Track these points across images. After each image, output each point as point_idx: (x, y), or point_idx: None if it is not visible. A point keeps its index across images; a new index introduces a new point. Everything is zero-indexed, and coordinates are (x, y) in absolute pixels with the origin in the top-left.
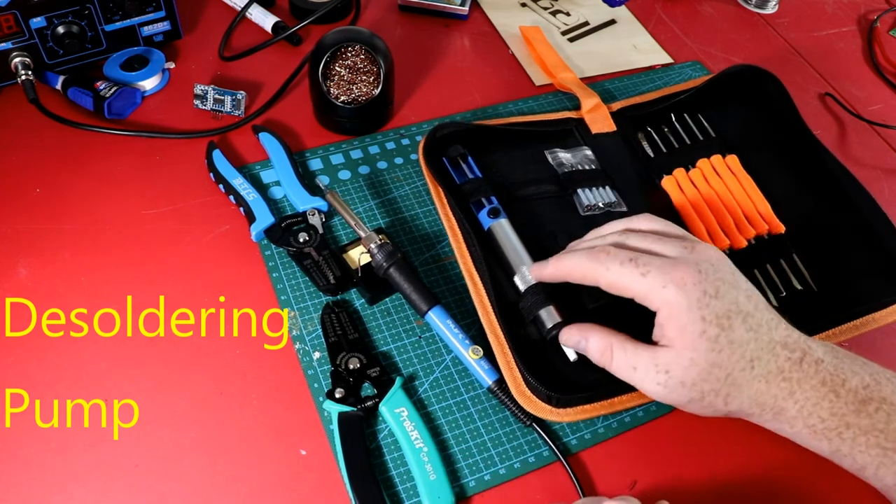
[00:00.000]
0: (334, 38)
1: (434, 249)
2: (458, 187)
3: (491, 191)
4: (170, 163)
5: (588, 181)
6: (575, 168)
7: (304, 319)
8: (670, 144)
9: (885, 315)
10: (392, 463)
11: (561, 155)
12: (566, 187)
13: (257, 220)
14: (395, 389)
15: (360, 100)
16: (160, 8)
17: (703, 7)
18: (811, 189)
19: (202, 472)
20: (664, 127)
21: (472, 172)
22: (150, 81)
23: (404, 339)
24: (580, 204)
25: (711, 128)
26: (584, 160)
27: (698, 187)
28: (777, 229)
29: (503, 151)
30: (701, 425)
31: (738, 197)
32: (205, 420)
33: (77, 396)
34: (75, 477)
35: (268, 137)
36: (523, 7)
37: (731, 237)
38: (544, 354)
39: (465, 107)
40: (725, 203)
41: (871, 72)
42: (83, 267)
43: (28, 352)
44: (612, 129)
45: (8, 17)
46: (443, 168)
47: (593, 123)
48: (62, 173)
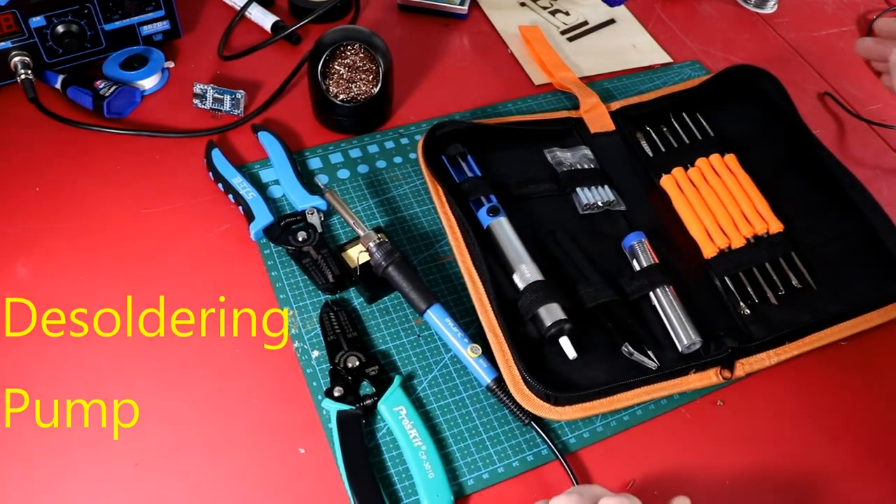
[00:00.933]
0: (333, 37)
1: (433, 248)
2: (457, 186)
3: (490, 189)
4: (169, 162)
5: (587, 180)
6: (574, 167)
7: (302, 318)
8: (669, 144)
9: (882, 314)
10: (390, 461)
11: (560, 154)
12: (565, 186)
13: (256, 218)
14: (394, 388)
15: (360, 99)
16: (160, 7)
17: (702, 7)
18: (810, 188)
19: (202, 471)
20: (663, 126)
21: (471, 171)
22: (150, 81)
23: (403, 337)
24: (579, 203)
25: (710, 127)
26: (583, 159)
27: (697, 186)
28: (776, 228)
29: (502, 150)
30: (700, 424)
31: (736, 196)
32: (204, 419)
33: (77, 396)
34: (75, 477)
35: (267, 136)
36: (523, 7)
37: (729, 236)
38: (543, 352)
39: (464, 106)
40: (724, 202)
41: (870, 72)
42: (83, 267)
43: (28, 352)
44: (611, 129)
45: (7, 16)
46: (442, 167)
47: (592, 123)
48: (62, 173)
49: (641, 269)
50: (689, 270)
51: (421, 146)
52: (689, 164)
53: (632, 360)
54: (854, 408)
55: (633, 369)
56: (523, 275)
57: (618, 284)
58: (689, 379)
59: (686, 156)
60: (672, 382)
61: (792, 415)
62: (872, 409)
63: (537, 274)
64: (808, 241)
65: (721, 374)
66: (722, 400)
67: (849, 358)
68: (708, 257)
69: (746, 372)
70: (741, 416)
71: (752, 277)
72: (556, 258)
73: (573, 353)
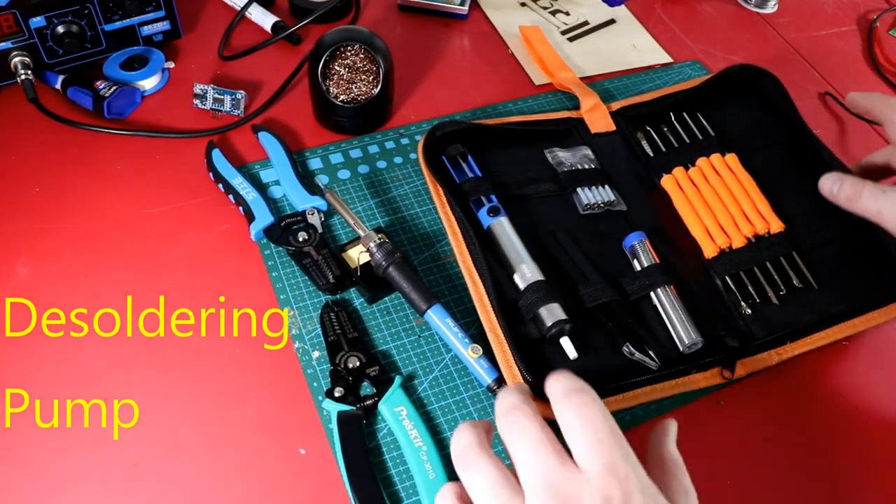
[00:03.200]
0: (334, 37)
1: (433, 249)
2: (457, 186)
3: (491, 189)
4: (169, 162)
5: (587, 180)
6: (574, 167)
7: (303, 319)
8: (670, 144)
9: (883, 313)
10: (391, 462)
11: (560, 154)
12: (566, 186)
13: (256, 219)
14: (395, 388)
15: (360, 99)
16: (160, 7)
17: (702, 7)
18: (811, 187)
19: (202, 471)
20: (664, 126)
21: (471, 171)
22: (150, 81)
23: (403, 338)
24: (580, 203)
25: (711, 127)
26: (584, 159)
27: (698, 186)
28: (777, 227)
29: (503, 150)
30: (700, 424)
31: (737, 195)
32: (204, 420)
33: (77, 396)
34: (75, 477)
35: (267, 137)
36: (523, 7)
37: (730, 235)
38: (544, 353)
39: (464, 106)
40: (725, 201)
41: (870, 71)
42: (83, 267)
43: (28, 352)
44: (612, 129)
45: (7, 16)
46: (442, 167)
47: (593, 123)
48: (62, 173)
49: (642, 268)
50: (690, 270)
51: (421, 147)
52: (690, 163)
53: (633, 360)
54: (856, 407)
55: (635, 369)
56: (524, 275)
57: (618, 284)
58: (691, 379)
59: (687, 155)
60: (673, 382)
61: (793, 415)
62: (874, 409)
63: (538, 274)
64: (808, 240)
65: (722, 374)
66: (722, 400)
67: (850, 357)
68: (709, 257)
69: (748, 371)
70: (741, 415)
71: (753, 277)
72: (556, 258)
73: (574, 353)
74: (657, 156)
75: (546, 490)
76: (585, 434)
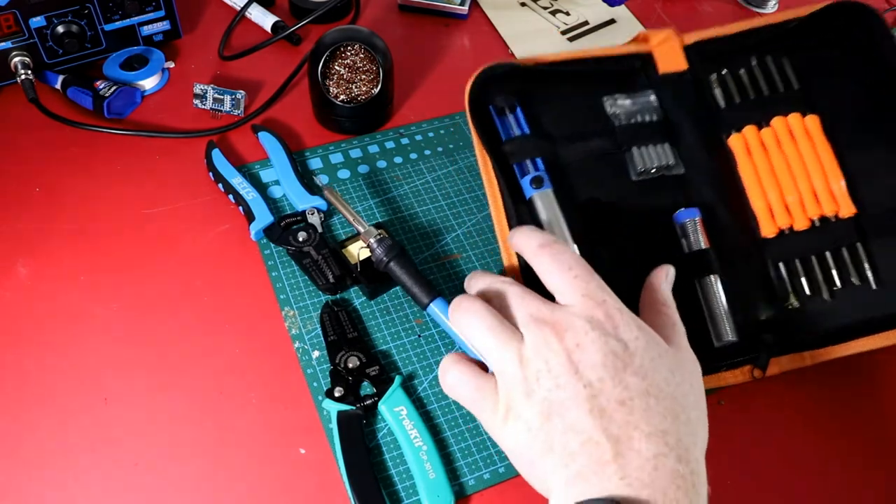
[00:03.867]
0: (334, 37)
1: (433, 248)
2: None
3: (537, 151)
4: (169, 162)
5: (646, 137)
6: (633, 120)
7: (303, 318)
8: (745, 94)
9: None
10: (391, 461)
11: (621, 102)
12: (621, 143)
13: (256, 219)
14: (395, 388)
15: (360, 99)
16: (160, 7)
17: (702, 6)
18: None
19: (202, 471)
20: (741, 69)
21: (518, 127)
22: (150, 81)
23: (403, 337)
24: (633, 168)
25: (796, 78)
26: (646, 108)
27: (769, 151)
28: (847, 212)
29: (555, 97)
30: None
31: (810, 169)
32: (204, 419)
33: (77, 396)
34: (75, 477)
35: (267, 137)
36: (523, 7)
37: (793, 215)
38: None
39: (464, 106)
40: (795, 175)
41: None
42: (83, 267)
43: (28, 352)
44: (684, 68)
45: (7, 16)
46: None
47: (662, 60)
48: (62, 173)
49: (689, 252)
50: (740, 248)
51: (467, 93)
52: (765, 122)
53: None
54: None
55: None
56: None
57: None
58: (720, 376)
59: (762, 111)
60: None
61: (794, 417)
62: (882, 424)
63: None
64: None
65: (753, 373)
66: (722, 400)
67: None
68: (766, 236)
69: (781, 371)
70: (741, 415)
71: (809, 266)
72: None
73: None
74: (729, 108)
75: (537, 323)
76: (562, 274)
